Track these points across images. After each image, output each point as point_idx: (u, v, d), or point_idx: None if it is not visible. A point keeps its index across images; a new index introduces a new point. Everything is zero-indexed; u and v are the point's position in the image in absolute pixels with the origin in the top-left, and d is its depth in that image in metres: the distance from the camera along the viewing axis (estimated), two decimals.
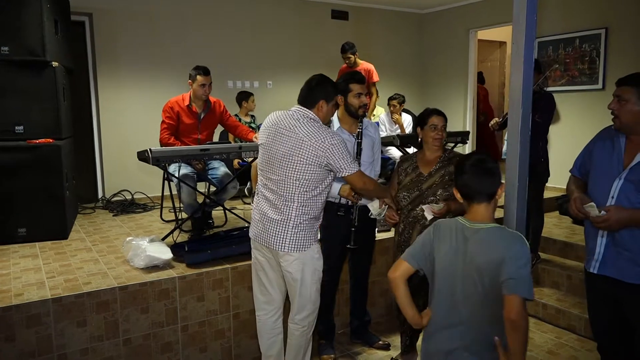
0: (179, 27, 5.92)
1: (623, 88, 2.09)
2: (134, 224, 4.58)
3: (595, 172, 2.23)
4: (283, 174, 2.43)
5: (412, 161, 2.84)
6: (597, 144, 2.27)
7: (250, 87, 6.34)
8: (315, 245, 2.58)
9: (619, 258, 2.11)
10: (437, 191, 2.66)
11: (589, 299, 2.38)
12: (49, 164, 3.94)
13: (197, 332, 3.12)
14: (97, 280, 2.97)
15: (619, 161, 2.12)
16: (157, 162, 3.44)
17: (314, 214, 2.52)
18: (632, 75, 2.13)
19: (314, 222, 2.55)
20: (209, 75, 4.08)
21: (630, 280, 2.08)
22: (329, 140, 2.39)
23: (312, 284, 2.58)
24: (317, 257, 2.58)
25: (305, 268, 2.53)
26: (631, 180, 2.05)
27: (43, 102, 4.01)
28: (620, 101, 2.08)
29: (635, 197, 2.04)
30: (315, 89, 2.52)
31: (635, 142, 2.10)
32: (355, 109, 2.93)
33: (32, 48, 3.92)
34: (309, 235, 2.51)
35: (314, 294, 2.61)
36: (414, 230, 2.73)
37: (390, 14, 7.61)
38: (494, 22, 6.98)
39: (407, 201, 2.74)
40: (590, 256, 2.24)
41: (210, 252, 3.27)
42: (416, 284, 2.72)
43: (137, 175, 5.56)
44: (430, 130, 2.71)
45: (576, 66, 5.86)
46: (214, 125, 4.29)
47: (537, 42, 6.05)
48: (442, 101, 7.42)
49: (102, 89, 5.61)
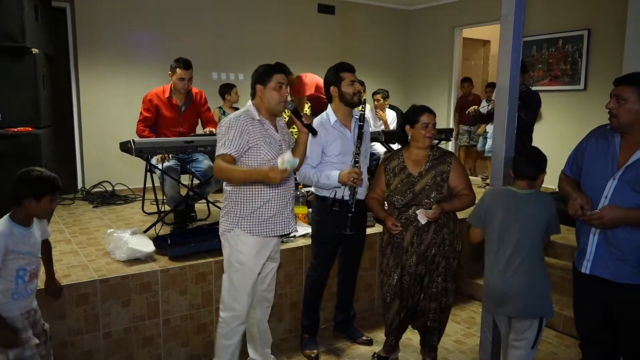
0: (162, 16, 5.83)
1: (622, 87, 2.07)
2: (114, 215, 4.51)
3: (588, 171, 2.21)
4: None
5: (399, 160, 2.77)
6: (590, 143, 2.25)
7: (235, 80, 6.28)
8: (237, 232, 2.53)
9: (611, 258, 2.11)
10: (431, 194, 2.63)
11: (577, 298, 2.38)
12: (27, 154, 3.83)
13: (179, 326, 3.09)
14: (77, 273, 2.91)
15: (613, 161, 2.11)
16: (140, 154, 3.39)
17: (237, 200, 2.53)
18: (631, 74, 2.12)
19: (237, 209, 2.52)
20: (189, 70, 3.99)
21: (621, 280, 2.09)
22: (225, 121, 2.49)
23: (230, 274, 2.59)
24: (239, 247, 2.53)
25: (230, 255, 2.57)
26: (626, 180, 2.05)
27: (22, 90, 3.90)
28: (619, 100, 2.06)
29: (629, 197, 2.03)
30: (252, 78, 2.58)
31: (630, 141, 2.09)
32: (350, 96, 2.89)
33: (12, 34, 3.80)
34: (230, 220, 2.54)
35: (230, 288, 2.59)
36: (407, 232, 2.68)
37: (377, 10, 7.61)
38: (479, 21, 7.04)
39: (401, 204, 2.69)
40: (581, 255, 2.23)
41: (194, 245, 3.23)
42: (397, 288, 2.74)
43: (118, 166, 5.47)
44: (421, 128, 2.66)
45: (559, 66, 5.95)
46: (195, 117, 4.22)
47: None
48: (426, 97, 7.47)
49: (83, 77, 5.50)
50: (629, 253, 2.06)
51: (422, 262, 2.68)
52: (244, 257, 2.54)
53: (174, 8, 5.89)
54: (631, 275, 2.07)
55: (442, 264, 2.70)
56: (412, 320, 2.87)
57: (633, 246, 2.05)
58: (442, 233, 2.68)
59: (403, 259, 2.70)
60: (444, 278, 2.71)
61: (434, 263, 2.69)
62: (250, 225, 2.53)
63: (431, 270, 2.70)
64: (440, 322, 2.81)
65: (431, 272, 2.70)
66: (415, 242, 2.67)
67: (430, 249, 2.67)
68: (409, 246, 2.68)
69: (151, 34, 5.79)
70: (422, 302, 2.75)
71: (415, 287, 2.72)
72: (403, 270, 2.71)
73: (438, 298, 2.73)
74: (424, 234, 2.66)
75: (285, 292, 3.44)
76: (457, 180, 2.70)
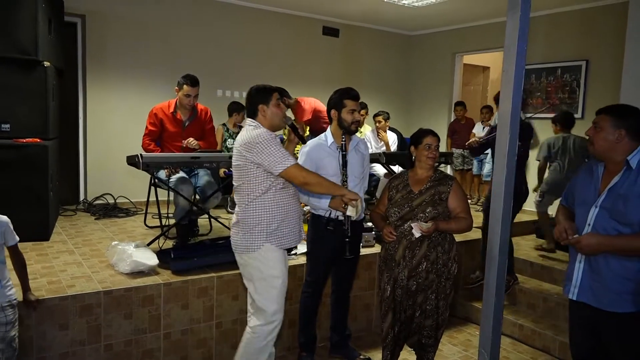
0: (170, 33, 5.95)
1: (600, 116, 2.20)
2: (116, 228, 4.54)
3: (577, 201, 2.31)
4: (237, 180, 2.62)
5: (403, 179, 2.89)
6: (581, 174, 2.36)
7: (239, 97, 6.37)
8: (267, 247, 2.58)
9: (594, 285, 2.17)
10: (427, 209, 2.72)
11: (570, 324, 2.43)
12: (34, 164, 3.90)
13: (180, 340, 3.11)
14: (82, 284, 2.95)
15: (595, 189, 2.20)
16: (147, 168, 3.45)
17: (262, 216, 2.57)
18: (611, 106, 2.24)
19: (263, 224, 2.57)
20: (196, 87, 4.05)
21: (605, 307, 2.14)
22: (256, 140, 2.50)
23: (266, 291, 2.60)
24: (271, 262, 2.59)
25: (256, 272, 2.60)
26: (605, 207, 2.13)
27: (32, 102, 3.99)
28: (596, 128, 2.19)
29: (608, 223, 2.11)
30: (252, 99, 2.67)
31: (611, 170, 2.19)
32: (348, 124, 2.98)
33: (25, 47, 3.90)
34: (256, 237, 2.57)
35: (268, 304, 2.61)
36: (400, 245, 2.77)
37: (379, 34, 7.77)
38: (479, 48, 7.19)
39: (397, 217, 2.79)
40: (568, 282, 2.29)
41: (197, 260, 3.28)
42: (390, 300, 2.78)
43: (120, 179, 5.52)
44: (424, 149, 2.79)
45: (557, 95, 6.07)
46: (198, 133, 4.23)
47: None
48: (426, 121, 7.58)
49: (91, 91, 5.58)
50: (609, 281, 2.11)
51: (413, 277, 2.74)
52: (277, 271, 2.61)
53: (181, 26, 6.01)
54: (614, 303, 2.11)
55: (435, 282, 2.76)
56: (407, 337, 2.90)
57: (614, 274, 2.10)
58: (435, 251, 2.74)
59: (395, 272, 2.77)
60: (436, 296, 2.77)
61: (427, 280, 2.74)
62: (278, 239, 2.61)
63: (425, 287, 2.75)
64: (434, 339, 2.85)
65: (425, 289, 2.76)
66: (407, 256, 2.74)
67: (422, 264, 2.73)
68: (401, 259, 2.75)
69: (158, 50, 5.89)
70: (417, 318, 2.80)
71: (408, 302, 2.78)
72: (395, 283, 2.78)
73: (432, 315, 2.78)
74: (416, 248, 2.73)
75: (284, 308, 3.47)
76: (456, 203, 2.77)
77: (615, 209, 2.09)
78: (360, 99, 3.12)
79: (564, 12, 6.02)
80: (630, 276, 2.08)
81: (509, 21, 2.56)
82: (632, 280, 2.08)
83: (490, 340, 2.67)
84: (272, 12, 6.67)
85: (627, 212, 2.06)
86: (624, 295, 2.09)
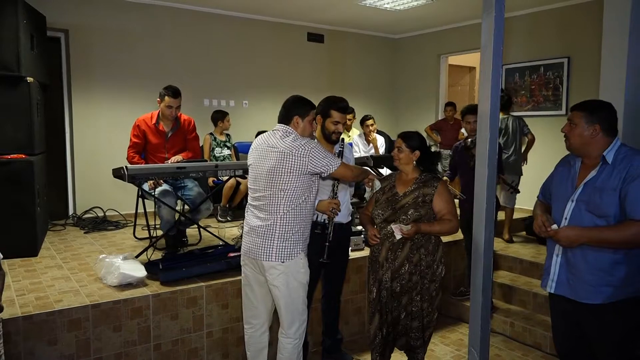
0: (154, 45, 5.95)
1: (574, 113, 2.25)
2: (106, 241, 4.53)
3: (554, 195, 2.35)
4: (269, 187, 2.59)
5: (390, 181, 2.91)
6: (558, 169, 2.40)
7: (226, 106, 6.38)
8: (301, 256, 2.66)
9: (571, 277, 2.20)
10: (409, 211, 2.72)
11: (552, 318, 2.46)
12: (20, 180, 3.89)
13: (170, 351, 3.10)
14: (69, 298, 2.93)
15: (572, 184, 2.25)
16: (132, 180, 3.44)
17: (298, 224, 2.62)
18: (584, 101, 2.28)
19: (299, 233, 2.63)
20: (178, 98, 4.04)
21: (583, 300, 2.17)
22: (306, 147, 2.56)
23: (299, 296, 2.66)
24: (303, 270, 2.68)
25: (291, 280, 2.62)
26: (581, 200, 2.17)
27: (16, 117, 3.98)
28: (571, 124, 2.24)
29: (585, 217, 2.15)
30: (290, 107, 2.72)
31: (587, 164, 2.23)
32: (329, 133, 3.00)
33: (7, 63, 3.89)
34: (293, 246, 2.61)
35: (301, 306, 2.69)
36: (383, 247, 2.77)
37: (364, 38, 7.82)
38: (463, 49, 7.25)
39: (381, 219, 2.80)
40: (546, 275, 2.33)
41: (185, 270, 3.27)
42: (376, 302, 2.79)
43: (109, 192, 5.50)
44: (394, 150, 2.86)
45: (541, 92, 6.13)
46: (182, 144, 4.23)
47: (504, 69, 6.31)
48: (413, 123, 7.60)
49: (76, 105, 5.57)
50: (585, 273, 2.15)
51: (397, 279, 2.75)
52: (307, 277, 2.71)
53: (165, 36, 6.02)
54: (590, 295, 2.15)
55: (419, 283, 2.76)
56: (395, 339, 2.90)
57: (589, 266, 2.14)
58: (418, 253, 2.74)
59: (380, 273, 2.78)
60: (421, 297, 2.77)
61: (410, 281, 2.74)
62: (305, 246, 2.70)
63: (409, 289, 2.75)
64: (422, 340, 2.85)
65: (409, 290, 2.76)
66: (390, 258, 2.75)
67: (404, 265, 2.73)
68: (384, 261, 2.76)
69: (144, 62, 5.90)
70: (403, 320, 2.80)
71: (393, 303, 2.78)
72: (380, 285, 2.79)
73: (418, 317, 2.78)
74: (398, 250, 2.74)
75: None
76: (441, 205, 2.76)
77: (592, 201, 2.13)
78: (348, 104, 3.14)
79: (543, 10, 6.08)
80: (605, 268, 2.12)
81: (484, 22, 2.60)
82: (606, 271, 2.12)
83: (479, 338, 2.69)
84: (257, 20, 6.70)
85: (603, 204, 2.09)
86: (599, 287, 2.13)
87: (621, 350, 2.18)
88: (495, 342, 3.76)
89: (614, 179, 2.10)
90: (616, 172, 2.10)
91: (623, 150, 2.16)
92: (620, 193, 2.06)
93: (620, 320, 2.14)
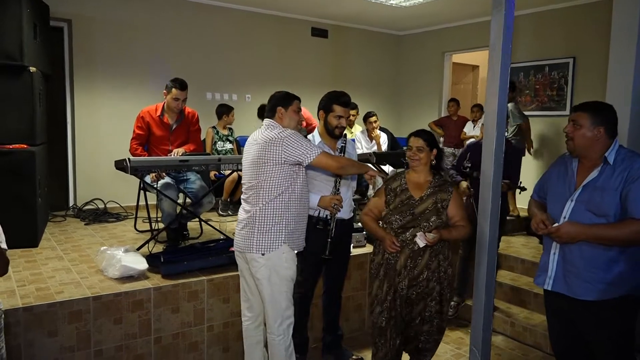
0: (158, 37, 5.92)
1: (578, 114, 2.23)
2: (106, 233, 4.51)
3: (550, 195, 2.36)
4: (253, 179, 2.63)
5: (401, 182, 2.77)
6: (554, 169, 2.41)
7: (229, 100, 6.36)
8: (284, 249, 2.62)
9: (568, 275, 2.21)
10: (431, 217, 2.64)
11: (548, 317, 2.46)
12: (21, 170, 3.87)
13: (171, 344, 3.09)
14: (70, 290, 2.92)
15: (570, 184, 2.26)
16: (135, 172, 3.43)
17: (280, 215, 2.60)
18: (588, 102, 2.27)
19: (280, 225, 2.60)
20: (185, 90, 4.03)
21: (579, 296, 2.18)
22: (281, 135, 2.58)
23: (281, 291, 2.63)
24: (287, 264, 2.64)
25: (272, 274, 2.60)
26: (581, 200, 2.18)
27: (18, 107, 3.95)
28: (575, 125, 2.22)
29: (585, 216, 2.16)
30: (272, 100, 2.78)
31: (586, 165, 2.24)
32: (332, 127, 2.99)
33: (10, 52, 3.86)
34: (274, 238, 2.59)
35: (284, 302, 2.66)
36: (401, 255, 2.67)
37: (368, 34, 7.78)
38: (468, 47, 7.22)
39: (399, 224, 2.69)
40: (542, 272, 2.33)
41: (187, 264, 3.26)
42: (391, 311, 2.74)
43: (110, 184, 5.48)
44: (408, 150, 2.76)
45: (545, 92, 6.11)
46: (186, 136, 4.21)
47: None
48: (416, 120, 7.59)
49: (78, 95, 5.54)
50: (582, 269, 2.16)
51: (414, 287, 2.67)
52: (292, 272, 2.67)
53: (169, 29, 5.99)
54: (585, 291, 2.16)
55: (436, 289, 2.69)
56: (405, 343, 2.86)
57: (586, 263, 2.16)
58: (437, 259, 2.68)
59: (396, 281, 2.68)
60: (438, 302, 2.70)
61: (427, 288, 2.68)
62: (292, 240, 2.67)
63: (425, 295, 2.69)
64: (434, 343, 2.82)
65: (425, 297, 2.69)
66: (409, 265, 2.66)
67: (423, 273, 2.66)
68: (402, 269, 2.67)
69: (146, 54, 5.87)
70: (416, 325, 2.73)
71: (406, 309, 2.73)
72: (395, 293, 2.69)
73: (431, 321, 2.72)
74: (418, 257, 2.65)
75: None
76: (455, 211, 2.71)
77: (592, 201, 2.15)
78: (351, 100, 3.12)
79: (550, 10, 6.05)
80: (600, 265, 2.13)
81: (493, 20, 2.58)
82: (602, 269, 2.13)
83: (481, 338, 2.69)
84: (261, 14, 6.66)
85: (604, 203, 2.11)
86: (595, 284, 2.15)
87: (619, 348, 2.19)
88: (495, 342, 3.76)
89: (615, 179, 2.12)
90: (617, 172, 2.13)
91: (622, 151, 2.20)
92: (622, 193, 2.09)
93: (616, 318, 2.16)
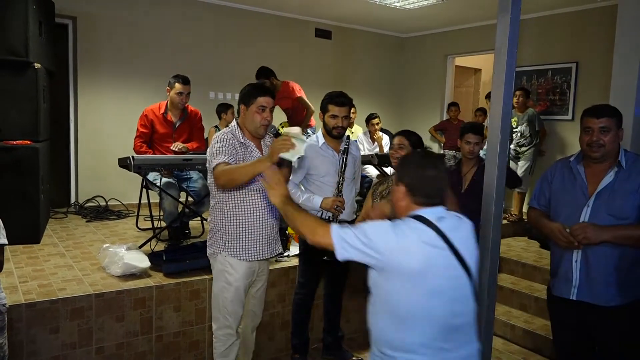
0: (162, 36, 5.93)
1: (607, 119, 2.18)
2: (108, 230, 4.51)
3: (558, 203, 2.32)
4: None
5: (387, 184, 2.82)
6: (556, 176, 2.37)
7: (232, 99, 6.36)
8: (224, 255, 2.52)
9: (592, 282, 2.18)
10: None
11: (556, 324, 2.44)
12: (25, 166, 3.87)
13: (172, 343, 3.10)
14: (72, 287, 2.93)
15: (583, 190, 2.23)
16: (138, 170, 3.44)
17: (222, 221, 2.52)
18: (604, 106, 2.27)
19: (222, 231, 2.52)
20: (188, 85, 4.05)
21: (603, 303, 2.16)
22: (215, 138, 2.47)
23: (222, 297, 2.55)
24: (227, 272, 2.52)
25: (216, 277, 2.59)
26: (600, 205, 2.17)
27: (22, 103, 3.96)
28: (603, 131, 2.17)
29: (605, 219, 2.14)
30: (239, 96, 2.59)
31: (595, 169, 2.23)
32: (329, 128, 3.00)
33: (15, 48, 3.87)
34: (217, 244, 2.55)
35: (223, 309, 2.56)
36: None
37: (372, 36, 7.79)
38: (471, 50, 7.24)
39: None
40: (565, 282, 2.27)
41: (189, 262, 3.27)
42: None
43: (112, 181, 5.49)
44: (390, 148, 2.79)
45: (548, 97, 6.11)
46: (189, 134, 4.23)
47: None
48: (418, 123, 7.59)
49: (82, 92, 5.55)
50: (607, 275, 2.15)
51: None
52: (232, 278, 2.53)
53: (173, 28, 6.00)
54: (611, 297, 2.16)
55: None
56: None
57: (608, 269, 2.15)
58: None
59: None
60: None
61: None
62: (237, 249, 2.51)
63: None
64: None
65: None
66: None
67: None
68: None
69: (150, 52, 5.88)
70: None
71: None
72: None
73: None
74: None
75: (277, 311, 3.47)
76: None
77: (612, 205, 2.14)
78: (353, 101, 3.12)
79: (554, 14, 6.06)
80: (624, 267, 2.13)
81: (499, 24, 2.58)
82: (624, 271, 2.13)
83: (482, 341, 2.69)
84: (265, 14, 6.67)
85: (626, 206, 2.12)
86: (619, 288, 2.14)
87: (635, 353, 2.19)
88: (495, 345, 3.76)
89: (632, 181, 2.13)
90: (633, 174, 2.14)
91: (629, 154, 2.22)
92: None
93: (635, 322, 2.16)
